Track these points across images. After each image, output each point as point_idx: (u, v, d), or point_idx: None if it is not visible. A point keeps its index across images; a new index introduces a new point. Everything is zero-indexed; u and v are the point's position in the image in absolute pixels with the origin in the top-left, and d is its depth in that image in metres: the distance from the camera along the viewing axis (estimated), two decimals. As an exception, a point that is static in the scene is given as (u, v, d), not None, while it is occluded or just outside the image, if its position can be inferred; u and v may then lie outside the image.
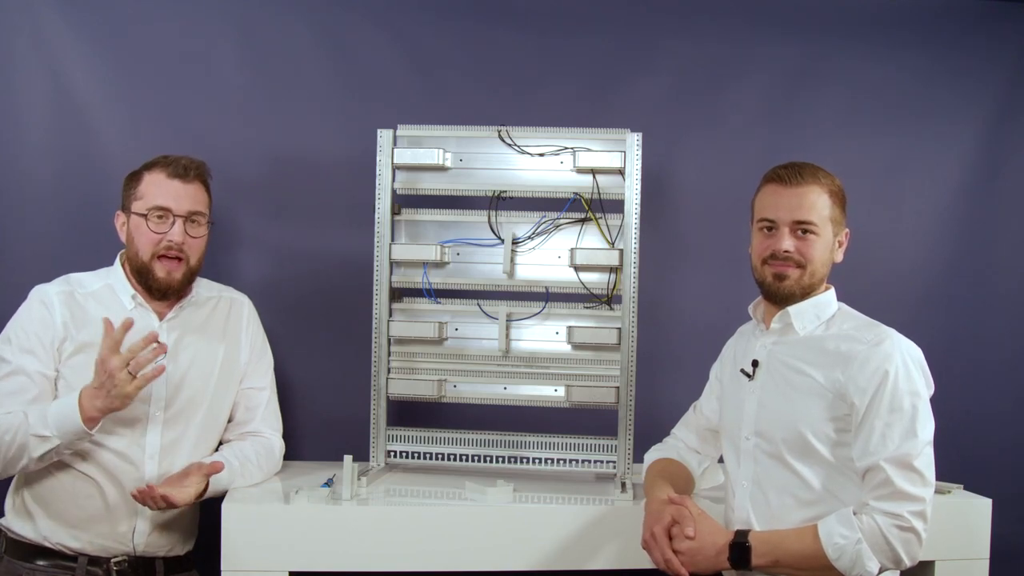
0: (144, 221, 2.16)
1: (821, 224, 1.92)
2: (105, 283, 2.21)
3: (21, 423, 2.02)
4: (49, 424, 2.01)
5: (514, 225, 2.44)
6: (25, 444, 2.02)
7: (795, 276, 1.93)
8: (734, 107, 2.85)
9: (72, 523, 2.12)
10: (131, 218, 2.18)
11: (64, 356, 2.12)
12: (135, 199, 2.17)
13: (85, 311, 2.15)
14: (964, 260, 2.93)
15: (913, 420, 1.76)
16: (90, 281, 2.21)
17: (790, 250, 1.92)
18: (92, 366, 2.02)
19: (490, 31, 2.79)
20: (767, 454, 1.91)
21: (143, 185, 2.17)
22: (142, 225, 2.16)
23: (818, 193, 1.93)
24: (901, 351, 1.81)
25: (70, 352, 2.12)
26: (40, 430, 2.01)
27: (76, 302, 2.15)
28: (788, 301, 1.95)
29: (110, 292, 2.20)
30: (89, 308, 2.16)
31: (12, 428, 2.02)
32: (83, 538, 2.13)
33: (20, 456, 2.03)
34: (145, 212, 2.15)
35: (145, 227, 2.16)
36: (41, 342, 2.11)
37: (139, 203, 2.16)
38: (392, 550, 2.10)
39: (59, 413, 2.02)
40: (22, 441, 2.02)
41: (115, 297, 2.20)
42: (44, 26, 2.60)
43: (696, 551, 1.83)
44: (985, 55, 2.92)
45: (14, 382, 2.09)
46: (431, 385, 2.44)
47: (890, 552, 1.73)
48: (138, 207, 2.16)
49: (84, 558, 2.12)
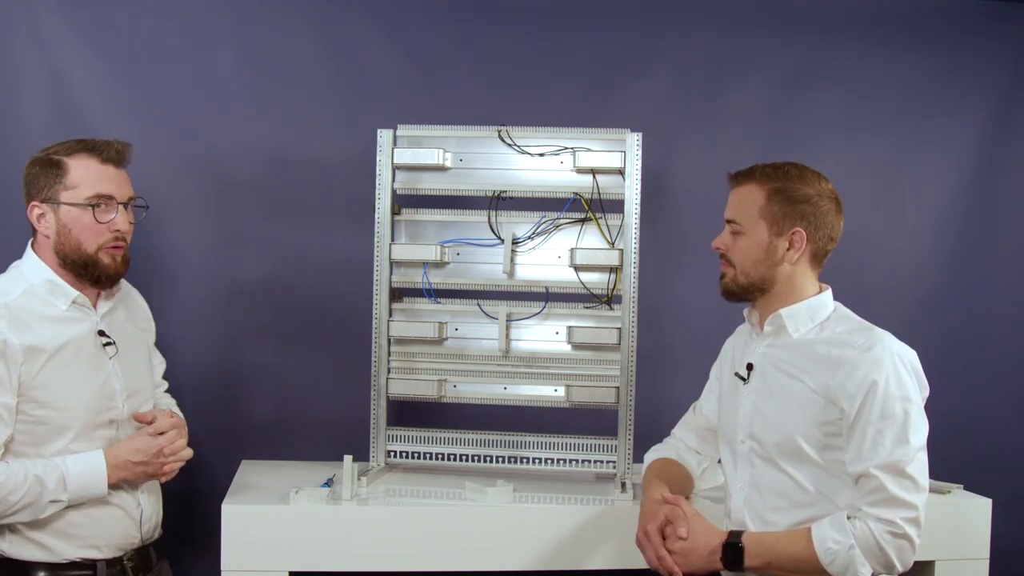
0: (83, 212, 1.98)
1: (746, 222, 1.91)
2: (24, 286, 1.99)
3: (33, 484, 1.90)
4: (70, 490, 1.94)
5: (514, 225, 2.45)
6: (34, 504, 1.92)
7: (729, 275, 1.95)
8: (734, 107, 2.85)
9: (88, 539, 2.02)
10: (60, 209, 1.98)
11: (31, 376, 1.93)
12: (64, 188, 1.98)
13: (26, 323, 1.94)
14: (964, 260, 2.93)
15: (905, 426, 1.75)
16: (9, 287, 1.98)
17: (718, 247, 1.97)
18: (60, 377, 1.94)
19: (490, 31, 2.79)
20: (761, 457, 1.91)
21: (72, 172, 1.98)
22: (83, 216, 1.98)
23: (750, 191, 1.92)
24: (892, 355, 1.79)
25: (38, 369, 1.93)
26: (59, 495, 1.93)
27: (14, 315, 1.93)
28: (734, 299, 1.97)
29: (34, 296, 1.99)
30: (25, 318, 1.94)
31: (21, 487, 1.89)
32: (101, 544, 2.04)
33: (20, 511, 1.92)
34: (84, 202, 1.98)
35: (88, 218, 1.99)
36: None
37: (72, 192, 1.98)
38: (392, 550, 2.10)
39: (82, 483, 1.94)
40: (32, 501, 1.91)
41: (44, 300, 1.99)
42: (44, 26, 2.60)
43: (689, 551, 1.83)
44: (985, 55, 2.92)
45: None
46: (431, 385, 2.44)
47: (883, 558, 1.73)
48: (71, 197, 1.98)
49: (102, 563, 2.04)
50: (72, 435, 1.97)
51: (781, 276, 1.91)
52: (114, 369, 2.06)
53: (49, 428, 1.96)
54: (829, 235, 1.91)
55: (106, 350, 2.05)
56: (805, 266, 1.92)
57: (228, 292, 2.69)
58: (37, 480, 1.91)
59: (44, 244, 2.02)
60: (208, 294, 2.68)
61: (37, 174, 2.01)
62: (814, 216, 1.89)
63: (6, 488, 1.88)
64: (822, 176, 1.94)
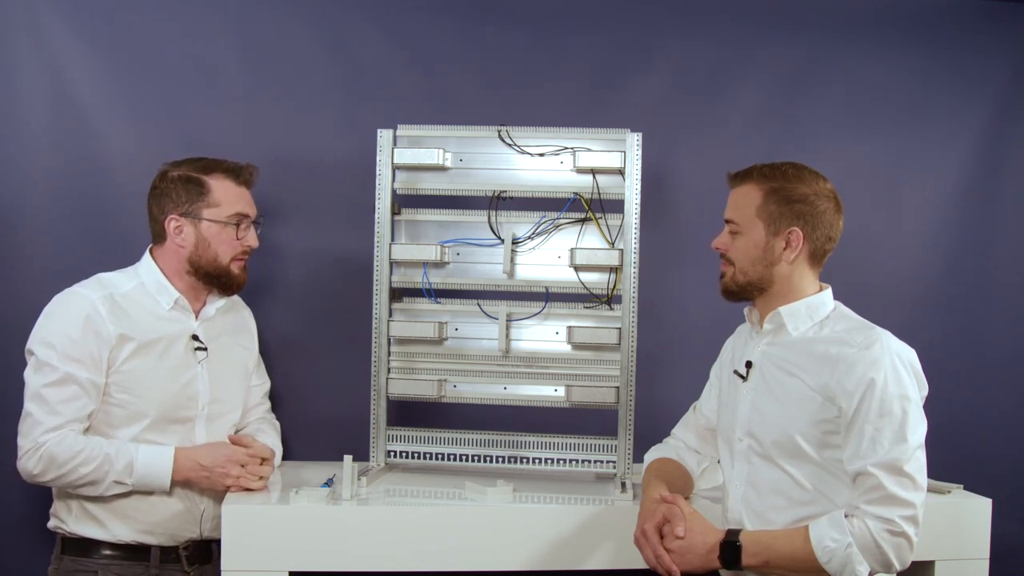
0: (224, 228, 2.20)
1: (743, 222, 1.93)
2: (136, 283, 2.20)
3: (103, 462, 2.06)
4: (135, 476, 2.08)
5: (514, 225, 2.45)
6: (99, 481, 2.07)
7: (728, 274, 1.97)
8: (734, 107, 2.85)
9: (146, 525, 2.16)
10: (202, 224, 2.19)
11: (119, 361, 2.11)
12: (207, 205, 2.19)
13: (127, 313, 2.14)
14: (964, 260, 2.93)
15: (903, 424, 1.75)
16: (121, 281, 2.20)
17: (717, 246, 1.99)
18: (145, 367, 2.11)
19: (490, 31, 2.79)
20: (759, 455, 1.91)
21: (215, 192, 2.20)
22: (223, 232, 2.20)
23: (747, 191, 1.93)
24: (891, 354, 1.80)
25: (127, 356, 2.12)
26: (124, 478, 2.08)
27: (117, 304, 2.14)
28: (733, 298, 1.99)
29: (143, 293, 2.19)
30: (129, 309, 2.15)
31: (92, 461, 2.06)
32: (157, 531, 2.17)
33: (85, 486, 2.08)
34: (226, 219, 2.20)
35: (228, 234, 2.21)
36: (90, 351, 2.08)
37: (215, 210, 2.19)
38: (392, 550, 2.10)
39: (149, 472, 2.10)
40: (98, 478, 2.07)
41: (150, 298, 2.19)
42: (44, 26, 2.60)
43: (687, 550, 1.83)
44: (985, 55, 2.92)
45: (68, 390, 2.07)
46: (431, 385, 2.44)
47: (881, 556, 1.73)
48: (214, 214, 2.19)
49: (157, 549, 2.17)
50: (147, 424, 2.13)
51: (779, 275, 1.91)
52: (201, 373, 2.21)
53: (126, 412, 2.12)
54: (827, 235, 1.92)
55: (196, 354, 2.21)
56: (803, 265, 1.92)
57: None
58: (107, 459, 2.07)
59: (172, 252, 2.22)
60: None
61: (176, 189, 2.19)
62: (811, 216, 1.89)
63: (79, 458, 2.05)
64: (820, 176, 1.94)
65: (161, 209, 2.20)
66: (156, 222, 2.22)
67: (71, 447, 2.04)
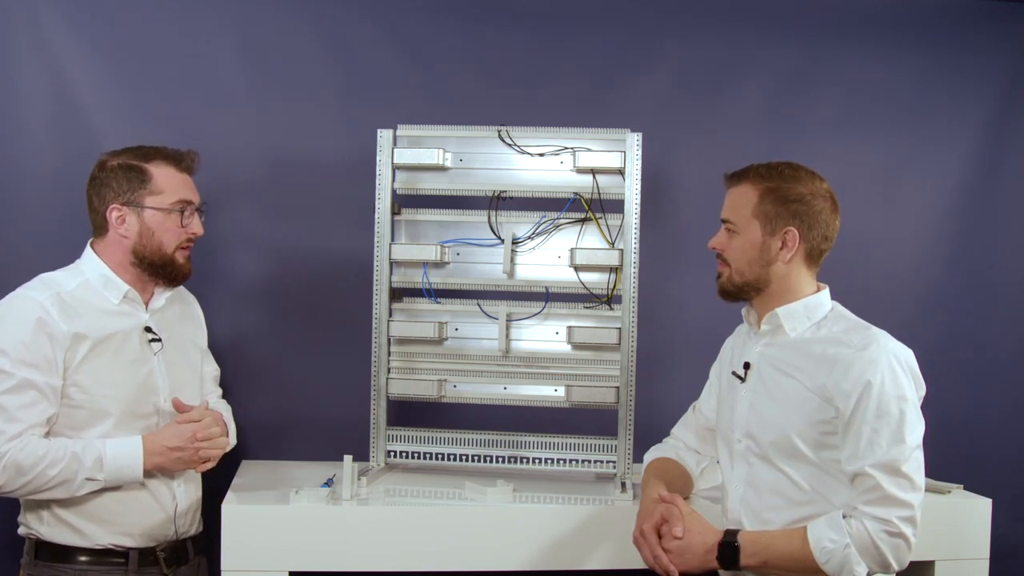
0: (168, 215, 2.12)
1: (739, 222, 1.92)
2: (81, 280, 2.11)
3: (71, 460, 1.99)
4: (106, 470, 2.02)
5: (514, 225, 2.45)
6: (70, 481, 2.00)
7: (725, 274, 1.97)
8: (734, 107, 2.86)
9: (122, 527, 2.10)
10: (145, 212, 2.11)
11: (76, 362, 2.04)
12: (150, 193, 2.11)
13: (78, 312, 2.06)
14: (963, 260, 2.93)
15: (901, 425, 1.75)
16: (65, 279, 2.11)
17: (714, 246, 1.99)
18: (103, 364, 2.05)
19: (490, 31, 2.79)
20: (757, 456, 1.91)
21: (157, 179, 2.12)
22: (167, 220, 2.12)
23: (744, 191, 1.93)
24: (888, 354, 1.79)
25: (83, 356, 2.04)
26: (95, 474, 2.01)
27: (66, 303, 2.05)
28: (730, 298, 1.99)
29: (89, 289, 2.11)
30: (79, 308, 2.07)
31: (59, 462, 1.98)
32: (135, 533, 2.11)
33: (56, 488, 2.00)
34: (169, 207, 2.12)
35: (173, 222, 2.13)
36: (44, 354, 2.00)
37: (158, 198, 2.11)
38: (392, 550, 2.10)
39: (118, 464, 2.03)
40: (68, 478, 1.99)
41: (97, 294, 2.11)
42: (44, 26, 2.60)
43: (685, 549, 1.83)
44: (985, 55, 2.92)
45: (25, 396, 1.98)
46: (431, 385, 2.44)
47: (879, 557, 1.73)
48: (157, 202, 2.11)
49: (135, 552, 2.11)
50: (112, 423, 2.08)
51: (776, 275, 1.91)
52: (158, 365, 2.17)
53: (88, 413, 2.05)
54: (824, 234, 1.91)
55: (151, 346, 2.16)
56: (800, 265, 1.92)
57: (228, 292, 2.69)
58: (75, 457, 2.00)
59: (115, 243, 2.14)
60: (208, 294, 2.67)
61: (116, 178, 2.12)
62: (807, 215, 1.89)
63: (45, 461, 1.97)
64: (817, 175, 1.94)
65: (102, 200, 2.12)
66: (97, 213, 2.14)
67: (34, 452, 1.96)
